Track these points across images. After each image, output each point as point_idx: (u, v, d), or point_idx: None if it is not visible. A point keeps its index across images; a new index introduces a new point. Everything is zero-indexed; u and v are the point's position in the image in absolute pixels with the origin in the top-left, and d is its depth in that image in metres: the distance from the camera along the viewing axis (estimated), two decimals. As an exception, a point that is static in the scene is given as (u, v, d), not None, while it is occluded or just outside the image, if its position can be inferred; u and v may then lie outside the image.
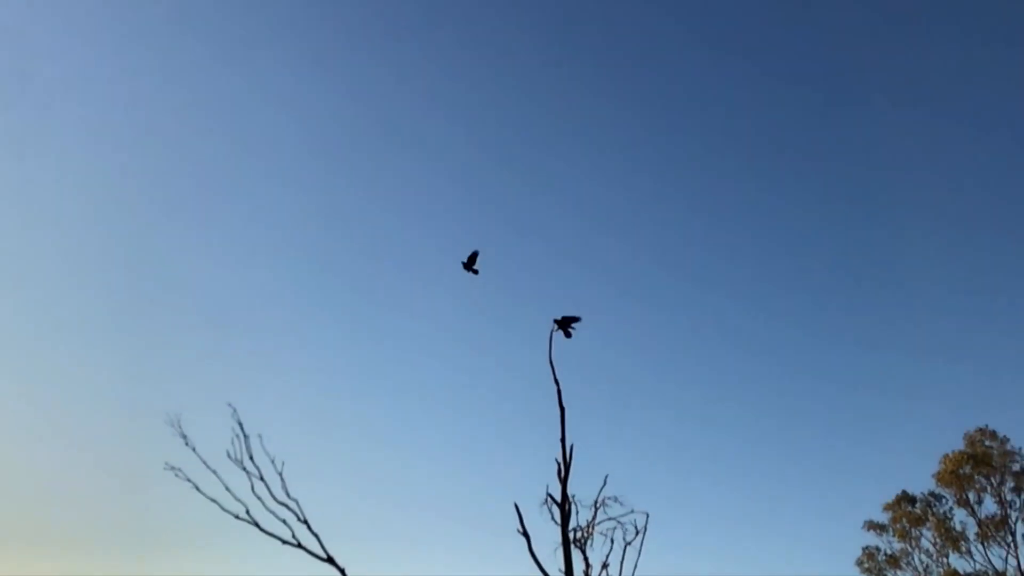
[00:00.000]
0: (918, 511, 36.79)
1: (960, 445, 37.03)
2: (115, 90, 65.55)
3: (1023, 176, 66.36)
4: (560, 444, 9.69)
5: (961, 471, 36.06)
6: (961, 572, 35.53)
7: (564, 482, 9.58)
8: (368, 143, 72.69)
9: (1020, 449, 36.14)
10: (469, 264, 11.06)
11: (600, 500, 9.07)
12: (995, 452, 36.13)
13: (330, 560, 8.75)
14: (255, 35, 67.01)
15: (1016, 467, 35.74)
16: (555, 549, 8.83)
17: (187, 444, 8.77)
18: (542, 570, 9.05)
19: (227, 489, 8.69)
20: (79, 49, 63.36)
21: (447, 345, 70.93)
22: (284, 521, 8.78)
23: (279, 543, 8.76)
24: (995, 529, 35.66)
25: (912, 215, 70.59)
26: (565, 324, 10.46)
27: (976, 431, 37.03)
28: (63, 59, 62.35)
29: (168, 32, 63.39)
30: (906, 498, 37.23)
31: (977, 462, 35.93)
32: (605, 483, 9.22)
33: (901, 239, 70.16)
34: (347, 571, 8.67)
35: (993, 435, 36.75)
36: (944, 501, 36.88)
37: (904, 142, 69.60)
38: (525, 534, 9.17)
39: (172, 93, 66.08)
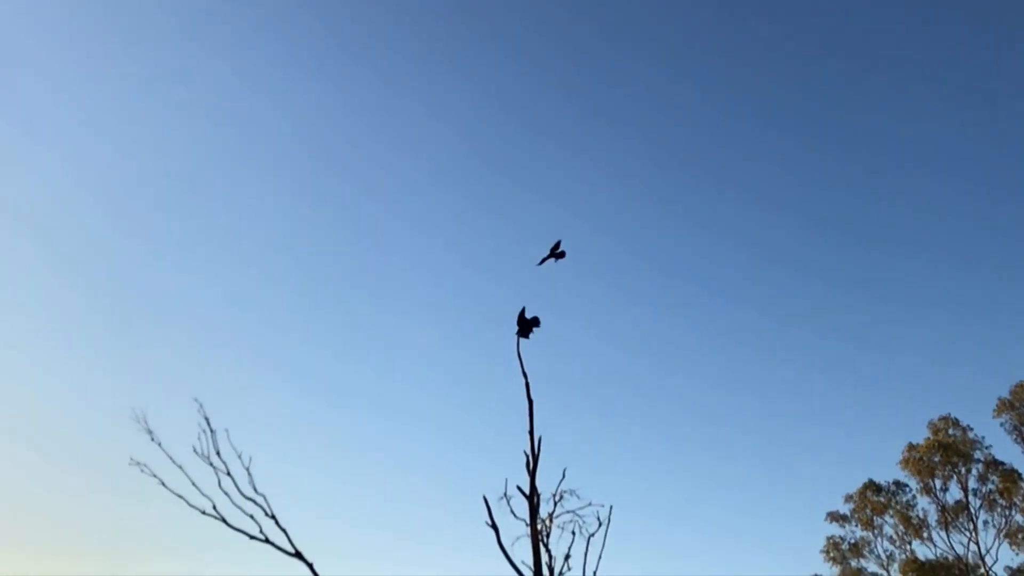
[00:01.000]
0: (882, 499, 37.37)
1: (921, 434, 37.81)
2: (102, 94, 64.62)
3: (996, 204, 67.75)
4: (528, 436, 9.73)
5: (930, 459, 36.67)
6: (923, 559, 36.29)
7: (532, 474, 9.62)
8: (361, 142, 72.18)
9: (983, 439, 36.87)
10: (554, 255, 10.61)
11: (559, 493, 9.15)
12: (959, 440, 36.81)
13: (298, 555, 8.74)
14: (245, 37, 66.34)
15: (977, 455, 36.52)
16: (513, 542, 8.90)
17: (153, 439, 8.70)
18: (511, 563, 9.11)
19: (193, 484, 8.62)
20: (66, 55, 62.26)
21: (414, 344, 70.92)
22: (252, 516, 8.72)
23: (247, 538, 8.73)
24: (956, 516, 36.44)
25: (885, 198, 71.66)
26: (527, 325, 10.35)
27: (940, 419, 37.60)
28: (50, 65, 61.29)
29: (161, 34, 62.45)
30: (872, 486, 37.76)
31: (947, 450, 36.54)
32: (564, 476, 9.30)
33: (878, 237, 71.30)
34: (315, 566, 8.68)
35: (956, 423, 37.37)
36: (907, 489, 37.56)
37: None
38: (494, 527, 9.21)
39: (162, 96, 65.31)
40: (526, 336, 10.10)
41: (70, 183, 65.07)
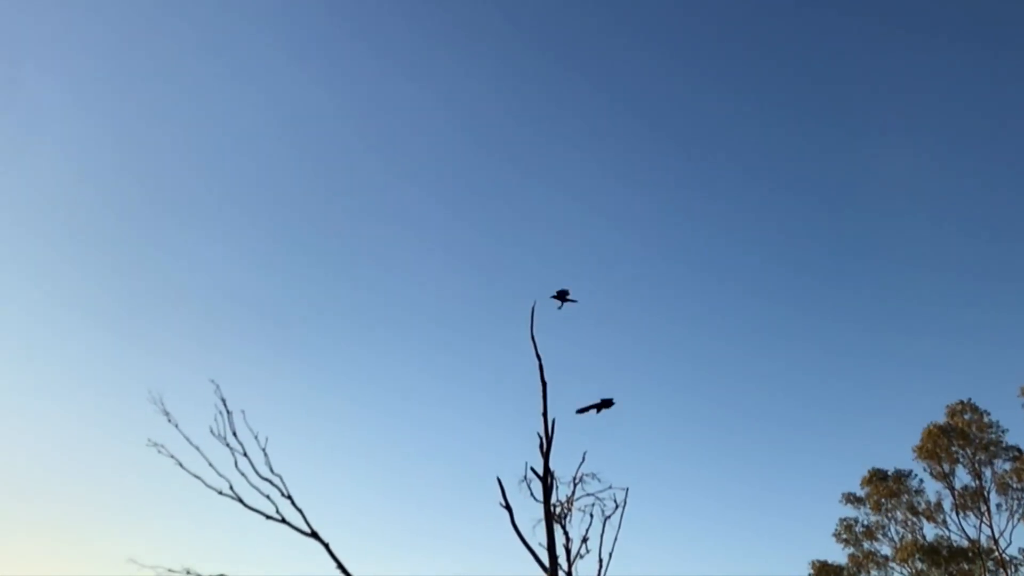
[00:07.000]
0: (892, 485, 37.50)
1: (940, 418, 37.72)
2: (106, 92, 64.93)
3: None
4: (542, 418, 9.71)
5: (939, 444, 36.66)
6: (933, 542, 36.31)
7: (546, 456, 9.61)
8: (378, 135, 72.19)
9: (998, 423, 36.79)
10: (561, 297, 10.76)
11: (579, 476, 9.14)
12: (974, 425, 36.74)
13: (314, 535, 8.78)
14: (245, 32, 66.37)
15: (988, 439, 36.47)
16: (534, 525, 8.91)
17: (170, 421, 8.74)
18: (524, 542, 9.11)
19: (210, 465, 8.66)
20: (68, 52, 62.51)
21: (429, 324, 71.15)
22: (268, 496, 8.75)
23: (263, 518, 8.78)
24: (970, 500, 36.39)
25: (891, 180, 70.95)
26: (562, 296, 10.40)
27: (958, 403, 37.63)
28: (52, 63, 61.61)
29: (160, 31, 62.57)
30: (878, 474, 37.95)
31: (955, 435, 36.56)
32: (584, 460, 9.28)
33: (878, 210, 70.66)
34: (331, 546, 8.72)
35: (974, 408, 37.34)
36: (914, 475, 37.69)
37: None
38: (507, 507, 9.21)
39: (164, 94, 65.60)
40: (562, 302, 10.16)
41: (81, 162, 65.46)
